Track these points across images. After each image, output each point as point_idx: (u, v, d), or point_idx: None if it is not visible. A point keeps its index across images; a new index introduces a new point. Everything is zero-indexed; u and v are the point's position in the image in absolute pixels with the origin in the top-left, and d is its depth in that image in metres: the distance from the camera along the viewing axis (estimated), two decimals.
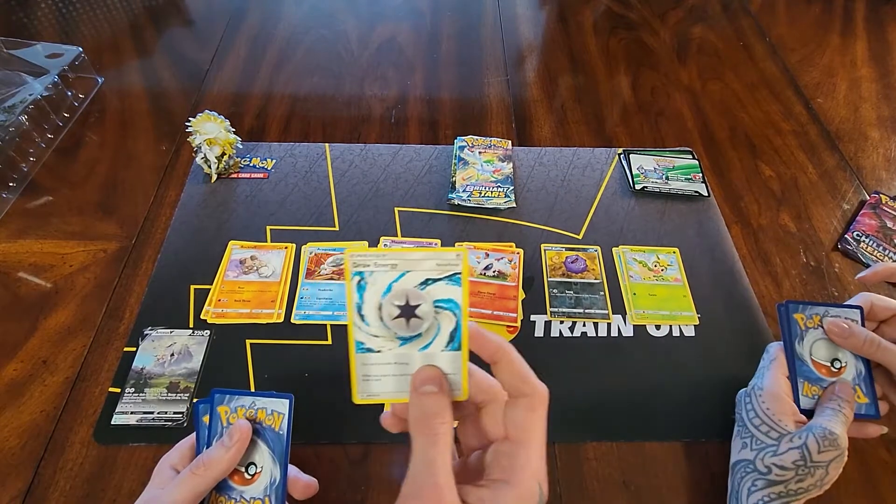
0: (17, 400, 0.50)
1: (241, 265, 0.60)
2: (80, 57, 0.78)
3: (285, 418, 0.40)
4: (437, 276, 0.30)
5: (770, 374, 0.47)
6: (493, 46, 0.92)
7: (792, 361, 0.47)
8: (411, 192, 0.69)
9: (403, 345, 0.30)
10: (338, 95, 0.82)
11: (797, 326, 0.48)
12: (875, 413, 0.45)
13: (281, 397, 0.40)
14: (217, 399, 0.40)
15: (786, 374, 0.47)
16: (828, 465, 0.41)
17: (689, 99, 0.85)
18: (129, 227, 0.64)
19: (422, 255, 0.29)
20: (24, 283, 0.59)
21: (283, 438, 0.39)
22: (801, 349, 0.47)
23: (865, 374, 0.46)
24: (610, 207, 0.68)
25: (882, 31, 1.00)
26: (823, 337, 0.47)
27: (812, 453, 0.41)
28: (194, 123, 0.66)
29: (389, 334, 0.30)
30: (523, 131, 0.78)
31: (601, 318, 0.58)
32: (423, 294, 0.29)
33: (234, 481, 0.39)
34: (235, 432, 0.38)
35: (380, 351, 0.30)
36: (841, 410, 0.43)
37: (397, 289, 0.29)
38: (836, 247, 0.66)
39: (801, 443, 0.41)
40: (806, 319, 0.48)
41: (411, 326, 0.29)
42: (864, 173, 0.75)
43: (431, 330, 0.30)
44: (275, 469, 0.39)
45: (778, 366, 0.47)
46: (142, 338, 0.54)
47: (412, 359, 0.30)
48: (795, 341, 0.47)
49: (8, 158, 0.66)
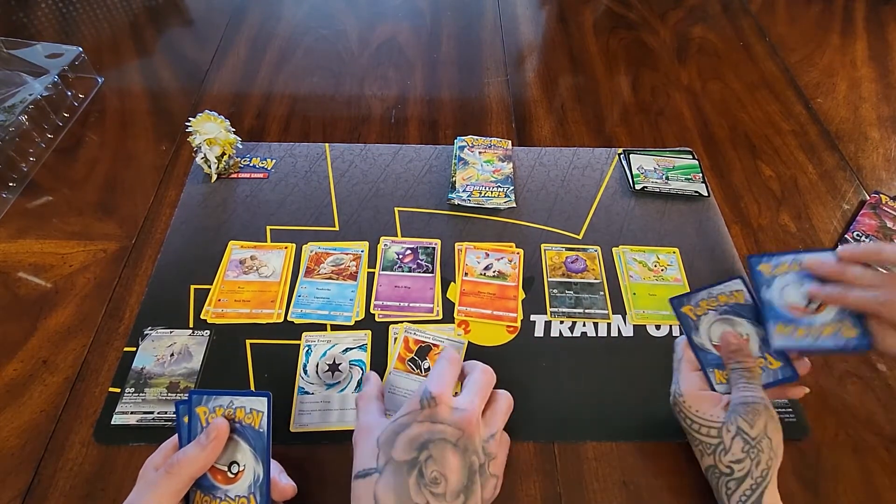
0: (17, 400, 0.50)
1: (241, 265, 0.60)
2: (80, 57, 0.78)
3: (264, 416, 0.40)
4: (353, 346, 0.54)
5: (682, 376, 0.47)
6: (493, 46, 0.92)
7: (696, 354, 0.47)
8: (411, 192, 0.69)
9: (328, 389, 0.51)
10: (338, 95, 0.82)
11: (688, 318, 0.48)
12: (793, 374, 0.45)
13: (259, 395, 0.40)
14: (195, 400, 0.40)
15: (695, 368, 0.47)
16: (765, 431, 0.41)
17: (689, 99, 0.85)
18: (129, 227, 0.64)
19: (345, 334, 0.54)
20: (24, 283, 0.59)
21: (264, 436, 0.40)
22: (700, 338, 0.47)
23: None
24: (610, 207, 0.68)
25: (882, 31, 1.00)
26: (717, 319, 0.47)
27: (748, 432, 0.41)
28: (194, 123, 0.66)
29: (320, 382, 0.52)
30: (523, 131, 0.78)
31: (601, 318, 0.58)
32: (343, 357, 0.53)
33: (217, 481, 0.39)
34: (212, 430, 0.39)
35: (312, 393, 0.51)
36: (743, 375, 0.44)
37: (329, 353, 0.53)
38: (836, 247, 0.66)
39: (736, 427, 0.41)
40: (694, 308, 0.48)
41: (335, 377, 0.52)
42: (864, 173, 0.75)
43: (346, 379, 0.52)
44: (257, 466, 0.39)
45: (686, 363, 0.48)
46: (142, 338, 0.54)
47: (332, 398, 0.51)
48: (692, 333, 0.48)
49: (8, 158, 0.66)
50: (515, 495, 0.47)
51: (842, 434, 0.51)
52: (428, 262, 0.62)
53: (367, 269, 0.61)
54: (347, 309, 0.57)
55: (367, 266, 0.61)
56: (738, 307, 0.47)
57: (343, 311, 0.57)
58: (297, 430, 0.49)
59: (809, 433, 0.51)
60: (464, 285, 0.60)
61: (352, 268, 0.61)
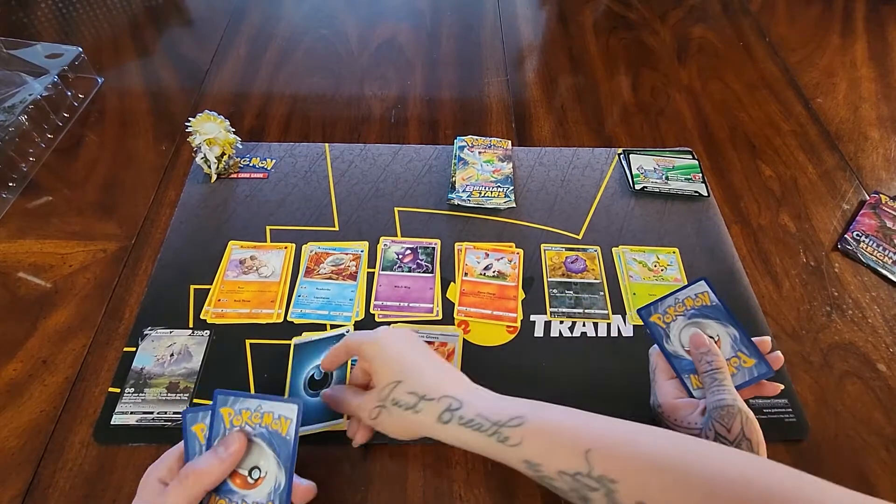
0: (17, 400, 0.50)
1: (241, 265, 0.60)
2: (79, 57, 0.78)
3: (293, 424, 0.39)
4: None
5: (658, 387, 0.47)
6: (493, 46, 0.92)
7: (670, 362, 0.47)
8: (411, 192, 0.69)
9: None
10: (338, 95, 0.82)
11: (658, 328, 0.48)
12: (768, 370, 0.44)
13: (289, 402, 0.39)
14: (220, 400, 0.39)
15: (670, 377, 0.47)
16: (742, 433, 0.41)
17: (689, 99, 0.85)
18: (129, 227, 0.64)
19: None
20: (24, 283, 0.59)
21: (290, 444, 0.38)
22: (672, 346, 0.47)
23: (741, 337, 0.46)
24: (610, 207, 0.68)
25: (882, 31, 1.00)
26: (686, 324, 0.47)
27: (726, 437, 0.41)
28: (194, 123, 0.66)
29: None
30: (523, 131, 0.78)
31: (601, 318, 0.58)
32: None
33: (235, 484, 0.38)
34: (232, 443, 0.38)
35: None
36: (715, 376, 0.43)
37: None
38: (836, 247, 0.66)
39: (714, 434, 0.41)
40: (662, 316, 0.48)
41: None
42: (863, 173, 0.75)
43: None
44: (280, 474, 0.38)
45: (660, 372, 0.48)
46: (141, 338, 0.54)
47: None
48: (664, 341, 0.47)
49: (8, 158, 0.66)
50: (515, 495, 0.47)
51: (842, 434, 0.51)
52: (428, 262, 0.62)
53: (366, 269, 0.61)
54: (347, 309, 0.57)
55: (366, 266, 0.61)
56: (705, 309, 0.47)
57: (343, 311, 0.57)
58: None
59: (809, 433, 0.51)
60: (464, 285, 0.60)
61: (352, 268, 0.61)
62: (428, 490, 0.47)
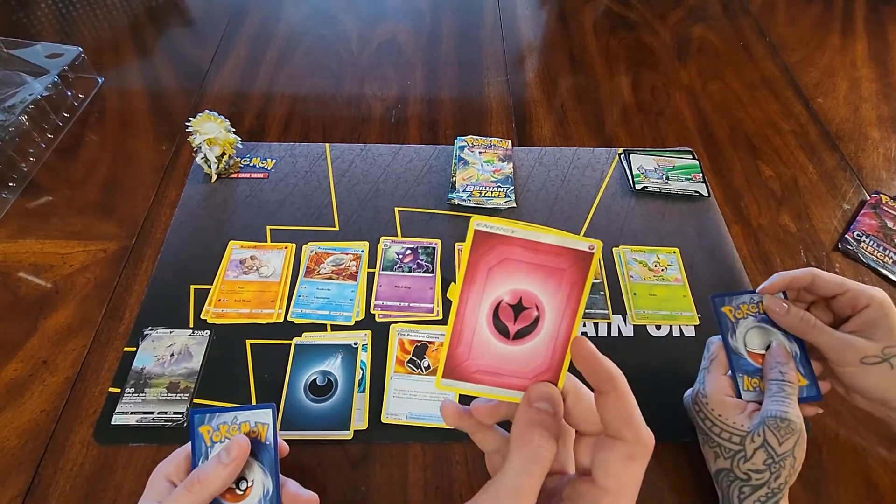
0: (17, 400, 0.50)
1: (241, 265, 0.60)
2: (80, 57, 0.78)
3: (270, 428, 0.39)
4: None
5: (710, 378, 0.47)
6: (493, 46, 0.92)
7: (729, 358, 0.47)
8: (411, 192, 0.69)
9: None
10: (338, 95, 0.82)
11: (727, 319, 0.47)
12: (817, 394, 0.44)
13: (263, 408, 0.39)
14: (197, 420, 0.39)
15: (724, 371, 0.47)
16: (792, 451, 0.41)
17: (689, 99, 0.85)
18: (129, 227, 0.64)
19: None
20: (24, 283, 0.59)
21: (271, 448, 0.39)
22: (735, 342, 0.47)
23: (801, 355, 0.46)
24: (610, 207, 0.68)
25: (882, 31, 1.00)
26: (755, 325, 0.47)
27: (775, 448, 0.41)
28: (194, 123, 0.66)
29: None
30: (523, 131, 0.78)
31: (601, 318, 0.58)
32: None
33: (226, 499, 0.38)
34: (234, 448, 0.38)
35: None
36: (784, 388, 0.43)
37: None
38: (837, 247, 0.66)
39: (762, 440, 0.41)
40: (734, 311, 0.47)
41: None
42: (864, 173, 0.75)
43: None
44: (266, 480, 0.39)
45: (717, 365, 0.47)
46: (142, 338, 0.54)
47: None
48: (728, 335, 0.47)
49: (8, 158, 0.66)
50: None
51: (842, 434, 0.51)
52: (428, 262, 0.62)
53: (367, 269, 0.61)
54: (347, 309, 0.57)
55: (367, 266, 0.61)
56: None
57: (343, 312, 0.57)
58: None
59: (810, 433, 0.51)
60: None
61: (352, 268, 0.61)
62: (428, 490, 0.47)
